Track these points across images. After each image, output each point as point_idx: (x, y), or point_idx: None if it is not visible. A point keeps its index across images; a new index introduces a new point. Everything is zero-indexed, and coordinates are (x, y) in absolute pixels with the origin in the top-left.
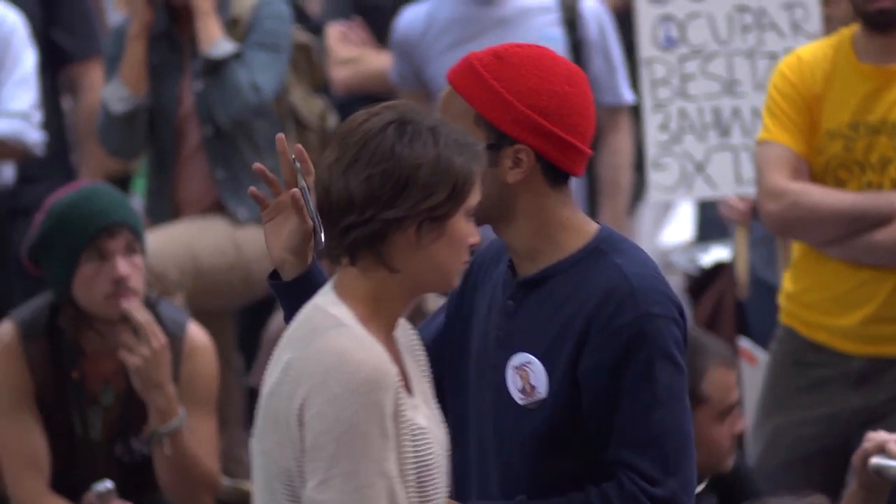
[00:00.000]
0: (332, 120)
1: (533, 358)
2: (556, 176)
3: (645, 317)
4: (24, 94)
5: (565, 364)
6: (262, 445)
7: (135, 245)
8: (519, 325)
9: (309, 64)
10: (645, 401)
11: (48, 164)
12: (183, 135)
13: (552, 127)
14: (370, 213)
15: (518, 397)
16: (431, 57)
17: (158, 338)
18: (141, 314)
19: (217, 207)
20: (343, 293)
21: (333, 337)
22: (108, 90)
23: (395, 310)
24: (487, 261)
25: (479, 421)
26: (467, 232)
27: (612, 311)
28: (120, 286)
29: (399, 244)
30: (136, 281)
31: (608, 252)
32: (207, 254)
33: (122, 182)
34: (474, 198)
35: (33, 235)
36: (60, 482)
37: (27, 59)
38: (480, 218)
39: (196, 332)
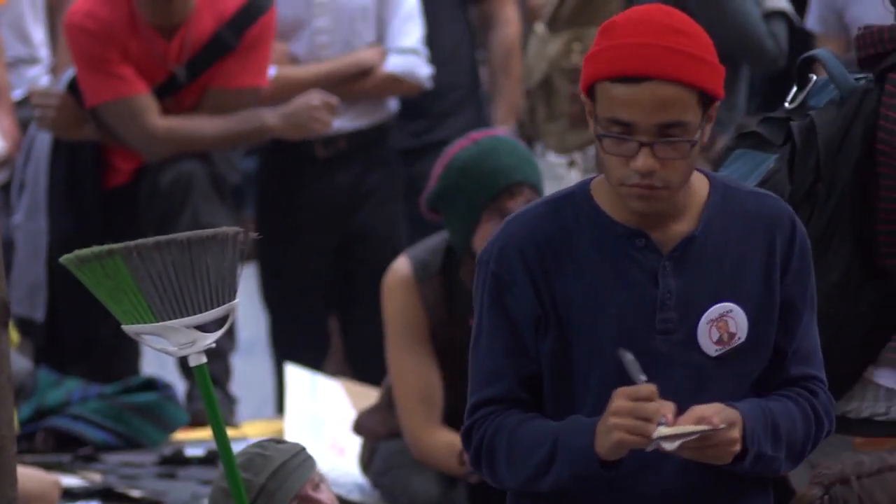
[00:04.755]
0: None
1: (733, 305)
2: None
3: (804, 231)
4: (412, 29)
5: (768, 300)
6: None
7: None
8: (691, 281)
9: None
10: (813, 315)
11: (461, 100)
12: None
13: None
14: None
15: (713, 350)
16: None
17: None
18: None
19: None
20: None
21: None
22: None
23: None
24: (544, 246)
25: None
26: None
27: (801, 236)
28: None
29: None
30: None
31: (732, 184)
32: None
33: None
34: None
35: (433, 186)
36: (453, 418)
37: None
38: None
39: None
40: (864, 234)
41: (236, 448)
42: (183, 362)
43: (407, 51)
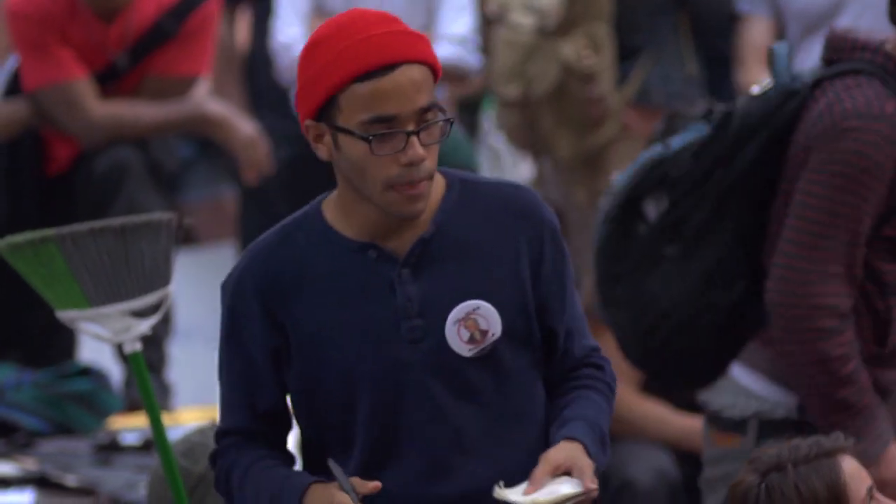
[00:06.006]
0: None
1: (480, 302)
2: None
3: (552, 214)
4: (464, 17)
5: (521, 289)
6: None
7: None
8: (433, 283)
9: None
10: (572, 286)
11: None
12: None
13: None
14: None
15: (466, 350)
16: None
17: None
18: None
19: None
20: None
21: None
22: None
23: None
24: (277, 276)
25: (402, 409)
26: None
27: (549, 220)
28: None
29: None
30: None
31: (472, 179)
32: None
33: (474, 105)
34: None
35: None
36: None
37: None
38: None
39: None
40: (749, 230)
41: (172, 435)
42: (119, 348)
43: (457, 39)
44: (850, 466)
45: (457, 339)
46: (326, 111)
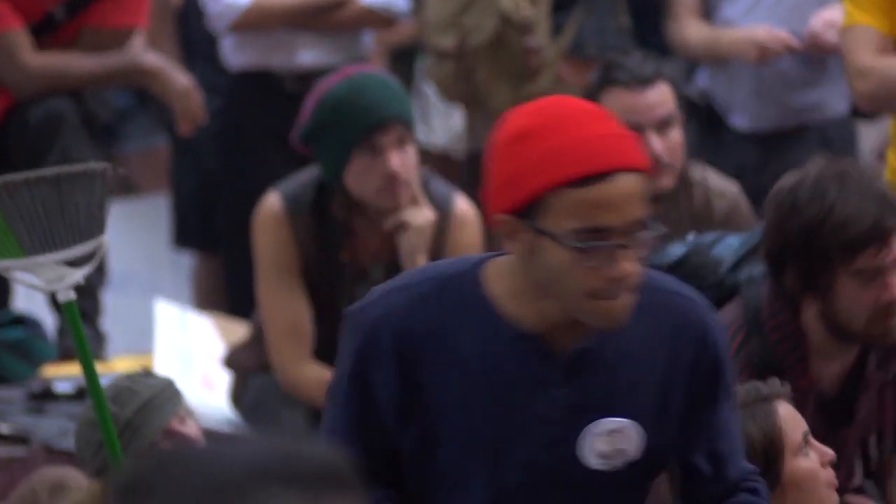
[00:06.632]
0: None
1: (625, 421)
2: None
3: (720, 332)
4: None
5: (665, 412)
6: None
7: (406, 137)
8: (581, 393)
9: None
10: (731, 407)
11: None
12: None
13: None
14: None
15: (600, 464)
16: None
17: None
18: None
19: None
20: None
21: None
22: None
23: None
24: (422, 334)
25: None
26: None
27: (708, 342)
28: (392, 181)
29: None
30: (409, 173)
31: (649, 283)
32: None
33: (409, 55)
34: None
35: (305, 122)
36: (325, 354)
37: None
38: None
39: (463, 206)
40: None
41: (105, 384)
42: (53, 297)
43: None
44: (785, 411)
45: (593, 452)
46: (528, 210)
